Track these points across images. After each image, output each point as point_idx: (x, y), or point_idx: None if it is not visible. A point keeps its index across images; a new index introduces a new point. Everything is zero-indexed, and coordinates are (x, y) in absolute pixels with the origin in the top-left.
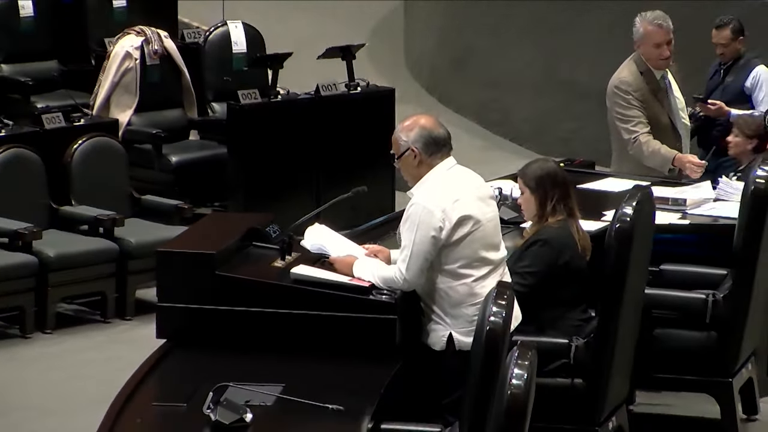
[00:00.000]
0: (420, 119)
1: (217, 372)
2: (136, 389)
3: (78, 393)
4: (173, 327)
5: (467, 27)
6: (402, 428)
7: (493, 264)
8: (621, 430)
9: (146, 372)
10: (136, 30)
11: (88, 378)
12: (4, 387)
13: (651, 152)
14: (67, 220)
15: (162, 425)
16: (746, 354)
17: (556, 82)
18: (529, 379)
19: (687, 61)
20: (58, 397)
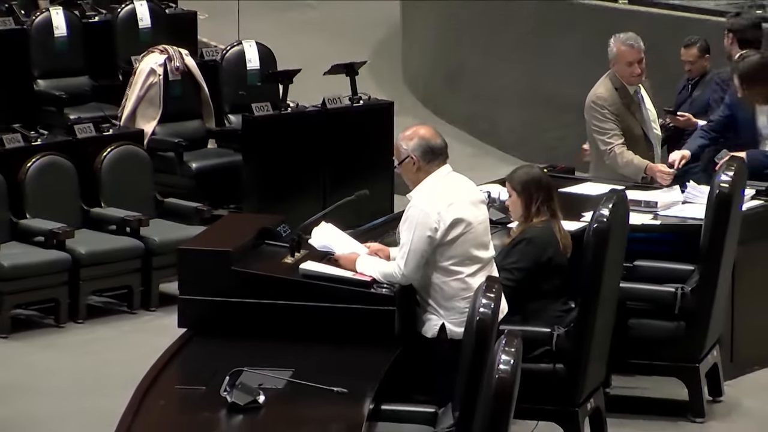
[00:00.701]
0: (420, 129)
1: (233, 358)
2: (160, 373)
3: (107, 377)
4: (193, 317)
5: (459, 47)
6: (400, 409)
7: (482, 262)
8: (598, 410)
9: (169, 358)
10: (159, 49)
11: (116, 363)
12: (41, 371)
13: (625, 162)
14: (97, 221)
15: (183, 406)
16: (711, 342)
17: (540, 96)
18: (515, 364)
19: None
20: (90, 381)
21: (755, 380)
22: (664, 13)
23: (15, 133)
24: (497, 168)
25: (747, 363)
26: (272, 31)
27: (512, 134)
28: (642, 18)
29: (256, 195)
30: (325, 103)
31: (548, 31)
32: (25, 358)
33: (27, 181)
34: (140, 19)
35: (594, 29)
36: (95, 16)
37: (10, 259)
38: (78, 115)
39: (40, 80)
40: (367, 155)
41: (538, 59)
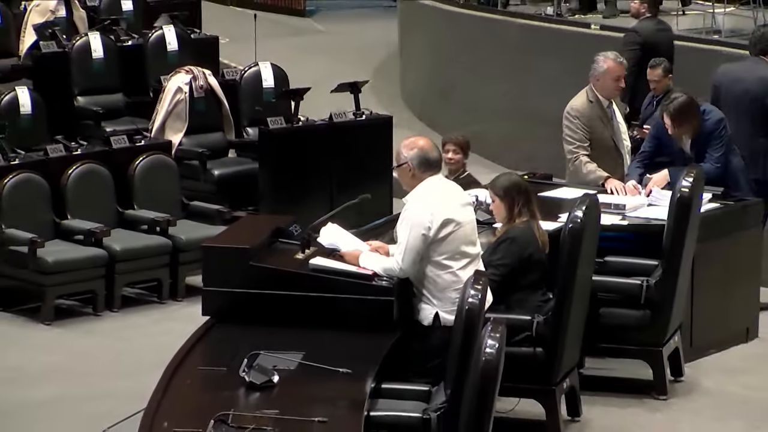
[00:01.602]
0: (420, 141)
1: (250, 342)
2: (186, 356)
3: (139, 359)
4: (215, 306)
5: (450, 67)
6: (398, 387)
7: (471, 257)
8: (573, 389)
9: (194, 342)
10: (185, 69)
11: (147, 347)
12: (80, 355)
13: (587, 171)
14: (131, 221)
15: (206, 385)
16: (673, 328)
17: (521, 112)
18: (500, 348)
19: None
20: (124, 363)
21: (712, 362)
22: None
23: (58, 143)
24: (484, 174)
25: (704, 347)
26: (285, 54)
27: (497, 145)
28: (612, 42)
29: (271, 198)
30: (332, 118)
31: (529, 53)
32: (66, 343)
33: (68, 186)
34: (168, 43)
35: (569, 52)
36: (128, 40)
37: (54, 255)
38: (113, 128)
39: (79, 97)
40: (369, 163)
41: (520, 79)
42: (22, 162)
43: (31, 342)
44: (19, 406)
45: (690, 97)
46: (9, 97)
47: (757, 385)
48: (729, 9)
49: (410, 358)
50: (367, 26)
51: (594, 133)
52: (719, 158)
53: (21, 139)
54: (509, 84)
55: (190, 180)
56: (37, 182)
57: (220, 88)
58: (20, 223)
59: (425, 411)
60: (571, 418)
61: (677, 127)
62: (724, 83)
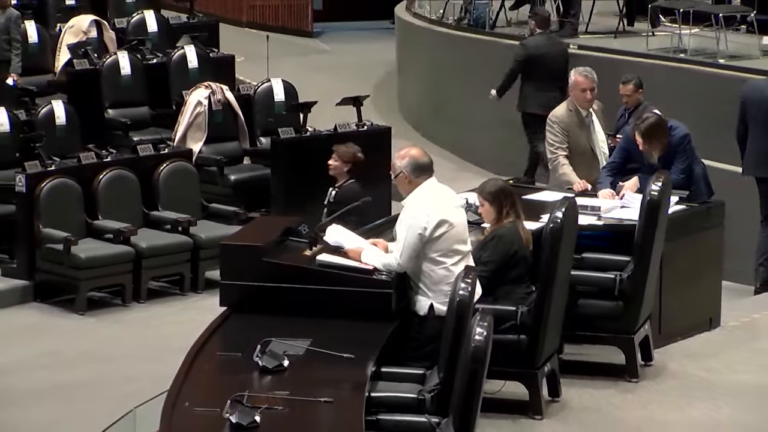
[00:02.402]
0: (411, 150)
1: (263, 330)
2: (205, 343)
3: (163, 345)
4: (232, 298)
5: (443, 83)
6: (396, 371)
7: (462, 254)
8: (553, 372)
9: (212, 331)
10: (205, 84)
11: (170, 335)
12: (110, 342)
13: (561, 173)
14: (155, 222)
15: (223, 369)
16: (644, 318)
17: (507, 123)
18: (488, 335)
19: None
20: (149, 349)
21: (678, 348)
22: (606, 57)
23: (90, 151)
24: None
25: (672, 334)
26: (294, 71)
27: (485, 153)
28: (588, 60)
29: (281, 201)
30: (336, 128)
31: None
32: (97, 331)
33: (99, 190)
34: (189, 61)
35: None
36: (153, 58)
37: (86, 252)
38: (140, 138)
39: (109, 110)
40: (370, 170)
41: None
42: (58, 168)
43: (66, 330)
44: (56, 387)
45: (659, 117)
46: (45, 110)
47: (719, 369)
48: (694, 30)
49: (407, 344)
50: (368, 46)
51: (571, 138)
52: (684, 169)
53: (56, 148)
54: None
55: (208, 184)
56: (71, 186)
57: (236, 101)
58: (56, 223)
59: (420, 392)
60: (552, 399)
61: (647, 145)
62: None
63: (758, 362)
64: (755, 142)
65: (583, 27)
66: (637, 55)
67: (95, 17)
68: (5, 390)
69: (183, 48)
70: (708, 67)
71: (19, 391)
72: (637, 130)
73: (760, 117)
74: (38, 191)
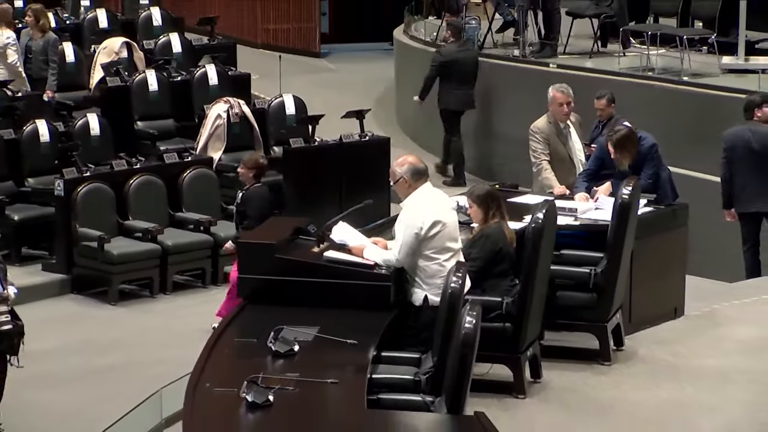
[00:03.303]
0: (408, 158)
1: (276, 319)
2: (224, 330)
3: (187, 333)
4: (248, 290)
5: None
6: (394, 355)
7: (454, 251)
8: (535, 356)
9: (230, 319)
10: (224, 99)
11: (194, 323)
12: (139, 330)
13: (542, 177)
14: (180, 222)
15: (241, 353)
16: (615, 308)
17: (493, 134)
18: (476, 323)
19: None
20: (174, 336)
21: (646, 335)
22: (582, 75)
23: (121, 159)
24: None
25: (640, 322)
26: (304, 88)
27: (474, 161)
28: (566, 78)
29: (292, 203)
30: (341, 139)
31: (499, 87)
32: (128, 320)
33: (129, 193)
34: (210, 78)
35: (532, 86)
36: (178, 76)
37: (118, 249)
38: (166, 147)
39: (138, 122)
40: (371, 175)
41: (492, 108)
42: (92, 174)
43: (99, 319)
44: (90, 371)
45: (630, 129)
46: (81, 122)
47: (683, 354)
48: (660, 51)
49: (404, 331)
50: (370, 65)
51: (551, 147)
52: (651, 175)
53: (91, 156)
54: (483, 112)
55: (227, 189)
56: (104, 190)
57: (252, 114)
58: (91, 223)
59: (416, 374)
60: (534, 380)
61: (619, 154)
62: (734, 143)
63: (718, 348)
64: (746, 181)
65: (561, 48)
66: (610, 74)
67: (126, 39)
68: (45, 373)
69: (204, 67)
70: (673, 84)
71: (57, 375)
72: (610, 140)
73: (746, 159)
74: (75, 195)
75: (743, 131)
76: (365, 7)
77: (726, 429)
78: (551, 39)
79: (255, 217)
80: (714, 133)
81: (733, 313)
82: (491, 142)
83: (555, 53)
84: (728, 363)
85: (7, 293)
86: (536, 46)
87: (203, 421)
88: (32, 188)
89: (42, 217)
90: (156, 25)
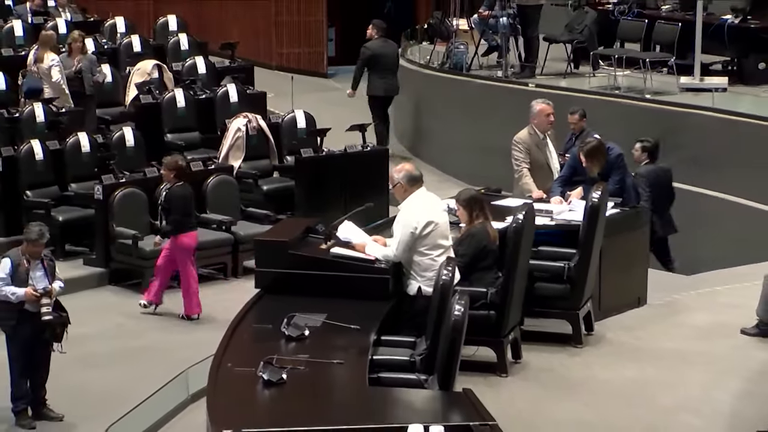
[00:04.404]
0: (405, 165)
1: (288, 307)
2: (243, 317)
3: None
4: (264, 282)
5: (429, 114)
6: (392, 339)
7: (445, 247)
8: (516, 340)
9: (249, 307)
10: (243, 114)
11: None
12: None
13: (522, 183)
14: (204, 222)
15: (257, 337)
16: (586, 297)
17: (479, 145)
18: (464, 311)
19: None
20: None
21: (613, 321)
22: (557, 93)
23: (152, 167)
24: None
25: (608, 310)
26: (313, 104)
27: (463, 169)
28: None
29: (303, 206)
30: (346, 149)
31: (484, 104)
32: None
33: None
34: (231, 96)
35: (514, 102)
36: (203, 94)
37: (150, 246)
38: (192, 156)
39: (168, 134)
40: (372, 181)
41: (478, 122)
42: (127, 180)
43: (133, 307)
44: (125, 353)
45: (599, 141)
46: (118, 134)
47: (645, 337)
48: (626, 72)
49: (401, 318)
50: None
51: (532, 155)
52: (618, 181)
53: (126, 164)
54: (471, 126)
55: (246, 193)
56: (138, 194)
57: (268, 128)
58: (126, 223)
59: (411, 355)
60: (515, 360)
61: (589, 163)
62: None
63: (676, 333)
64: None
65: (539, 70)
66: (582, 92)
67: (157, 62)
68: (86, 355)
69: (226, 86)
70: (637, 101)
71: (96, 356)
72: (582, 151)
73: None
74: (112, 198)
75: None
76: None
77: (683, 404)
78: (530, 62)
79: (177, 212)
80: (673, 145)
81: (690, 303)
82: (478, 151)
83: (533, 74)
84: (685, 346)
85: (51, 288)
86: (517, 68)
87: (224, 397)
88: (75, 192)
89: (83, 217)
90: (183, 50)
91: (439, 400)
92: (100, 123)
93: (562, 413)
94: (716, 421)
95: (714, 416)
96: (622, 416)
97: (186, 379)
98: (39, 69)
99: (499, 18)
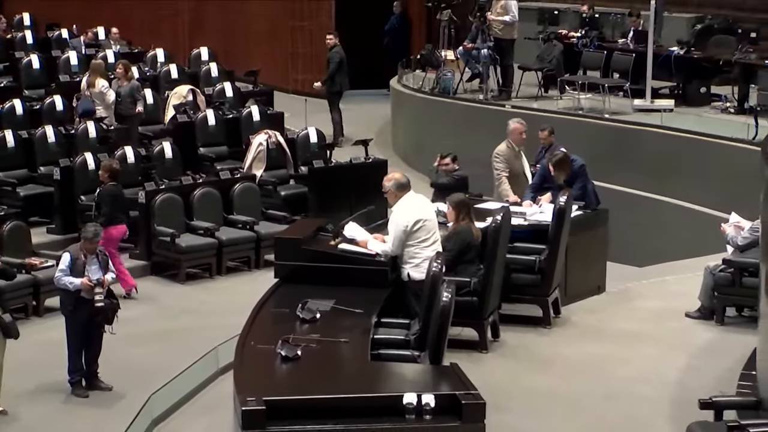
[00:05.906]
0: (395, 174)
1: (302, 294)
2: (264, 303)
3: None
4: (282, 273)
5: (422, 131)
6: (390, 321)
7: (432, 240)
8: (495, 322)
9: (269, 295)
10: (264, 131)
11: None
12: (201, 302)
13: (501, 189)
14: (231, 222)
15: (276, 319)
16: (555, 285)
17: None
18: (451, 298)
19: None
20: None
21: (578, 306)
22: (530, 113)
23: (188, 176)
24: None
25: (573, 296)
26: (323, 123)
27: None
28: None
29: (315, 209)
30: (351, 161)
31: (468, 122)
32: (193, 295)
33: (194, 201)
34: (254, 116)
35: (493, 121)
36: (230, 114)
37: (186, 242)
38: (221, 166)
39: (201, 148)
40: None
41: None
42: (167, 186)
43: (171, 295)
44: (165, 333)
45: (565, 154)
46: (158, 148)
47: (606, 320)
48: (588, 96)
49: (397, 302)
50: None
51: (510, 166)
52: (581, 187)
53: (165, 173)
54: (457, 141)
55: (266, 197)
56: (175, 198)
57: (285, 142)
58: (165, 223)
59: (406, 335)
60: (494, 339)
61: (557, 172)
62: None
63: (632, 316)
64: None
65: (515, 93)
66: (551, 112)
67: (191, 87)
68: (131, 335)
69: (249, 107)
70: (597, 120)
71: (140, 335)
72: (550, 162)
73: None
74: (153, 202)
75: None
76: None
77: (637, 376)
78: (507, 87)
79: (108, 208)
80: (627, 157)
81: (643, 290)
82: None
83: (510, 97)
84: (639, 327)
85: (104, 278)
86: (496, 92)
87: (249, 370)
88: None
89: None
90: (214, 76)
91: (429, 373)
92: (143, 138)
93: (534, 384)
94: (665, 390)
95: (663, 386)
96: (585, 386)
97: (216, 354)
98: (91, 93)
99: (481, 50)
